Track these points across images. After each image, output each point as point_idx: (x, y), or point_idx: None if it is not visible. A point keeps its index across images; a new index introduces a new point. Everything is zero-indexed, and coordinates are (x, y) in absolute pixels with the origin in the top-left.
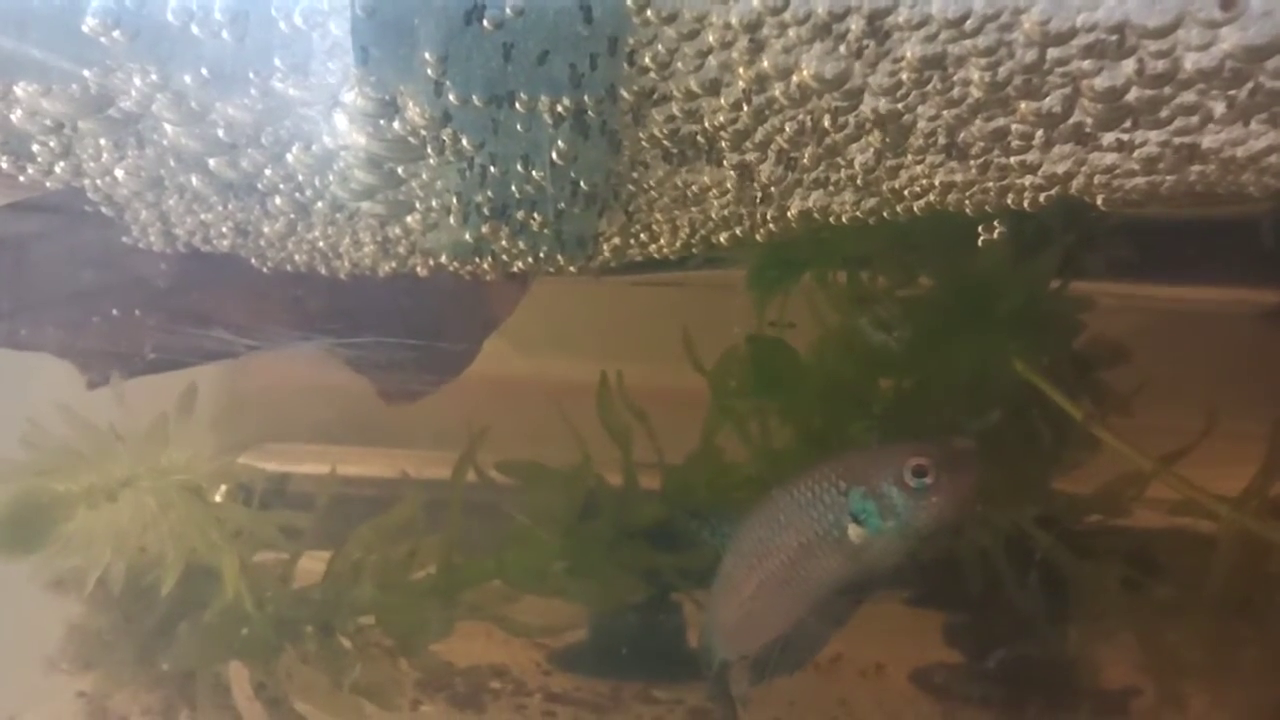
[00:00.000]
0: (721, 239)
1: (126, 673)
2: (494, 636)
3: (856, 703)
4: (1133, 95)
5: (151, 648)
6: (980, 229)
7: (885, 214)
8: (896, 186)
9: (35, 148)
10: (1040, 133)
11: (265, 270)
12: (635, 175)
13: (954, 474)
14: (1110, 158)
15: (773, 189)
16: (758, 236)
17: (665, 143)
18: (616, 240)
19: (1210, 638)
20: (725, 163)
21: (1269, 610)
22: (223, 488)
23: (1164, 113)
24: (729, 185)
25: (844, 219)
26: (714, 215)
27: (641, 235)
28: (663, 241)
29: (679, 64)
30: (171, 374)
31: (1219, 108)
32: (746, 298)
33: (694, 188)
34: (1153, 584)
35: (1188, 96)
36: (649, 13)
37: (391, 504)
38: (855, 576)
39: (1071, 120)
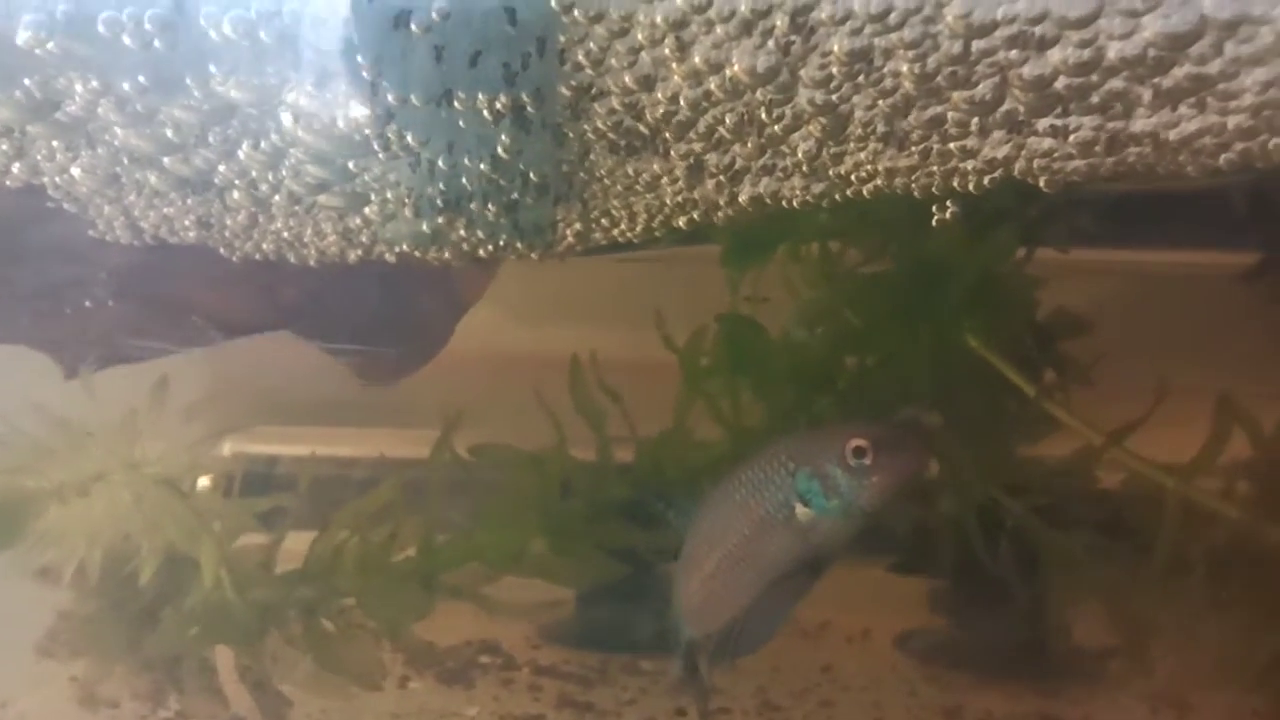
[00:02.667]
0: (681, 223)
1: (116, 658)
2: (482, 612)
3: (840, 668)
4: (1061, 83)
5: (139, 634)
6: (934, 208)
7: (836, 198)
8: (843, 172)
9: None
10: (975, 120)
11: (234, 259)
12: (586, 165)
13: (894, 453)
14: (1047, 142)
15: (721, 177)
16: (715, 220)
17: (610, 135)
18: (578, 226)
19: (1164, 602)
20: (672, 153)
21: (1217, 577)
22: (205, 477)
23: (1094, 99)
24: (679, 174)
25: (795, 204)
26: (669, 201)
27: (602, 221)
28: (624, 227)
29: (612, 61)
30: (149, 363)
31: (1146, 94)
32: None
33: (645, 176)
34: (1118, 549)
35: (1115, 83)
36: (576, 13)
37: (377, 484)
38: (806, 555)
39: (1004, 108)
